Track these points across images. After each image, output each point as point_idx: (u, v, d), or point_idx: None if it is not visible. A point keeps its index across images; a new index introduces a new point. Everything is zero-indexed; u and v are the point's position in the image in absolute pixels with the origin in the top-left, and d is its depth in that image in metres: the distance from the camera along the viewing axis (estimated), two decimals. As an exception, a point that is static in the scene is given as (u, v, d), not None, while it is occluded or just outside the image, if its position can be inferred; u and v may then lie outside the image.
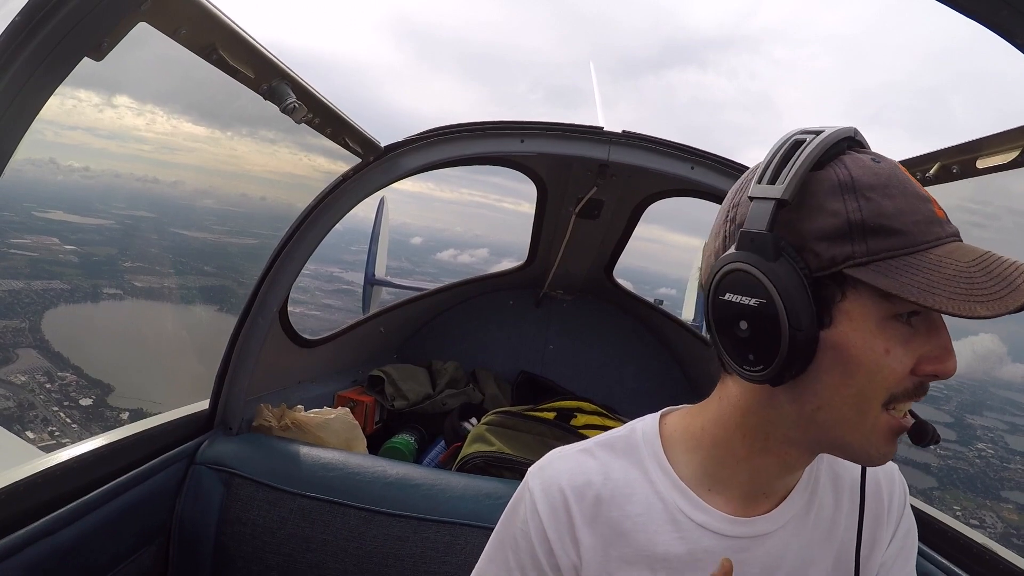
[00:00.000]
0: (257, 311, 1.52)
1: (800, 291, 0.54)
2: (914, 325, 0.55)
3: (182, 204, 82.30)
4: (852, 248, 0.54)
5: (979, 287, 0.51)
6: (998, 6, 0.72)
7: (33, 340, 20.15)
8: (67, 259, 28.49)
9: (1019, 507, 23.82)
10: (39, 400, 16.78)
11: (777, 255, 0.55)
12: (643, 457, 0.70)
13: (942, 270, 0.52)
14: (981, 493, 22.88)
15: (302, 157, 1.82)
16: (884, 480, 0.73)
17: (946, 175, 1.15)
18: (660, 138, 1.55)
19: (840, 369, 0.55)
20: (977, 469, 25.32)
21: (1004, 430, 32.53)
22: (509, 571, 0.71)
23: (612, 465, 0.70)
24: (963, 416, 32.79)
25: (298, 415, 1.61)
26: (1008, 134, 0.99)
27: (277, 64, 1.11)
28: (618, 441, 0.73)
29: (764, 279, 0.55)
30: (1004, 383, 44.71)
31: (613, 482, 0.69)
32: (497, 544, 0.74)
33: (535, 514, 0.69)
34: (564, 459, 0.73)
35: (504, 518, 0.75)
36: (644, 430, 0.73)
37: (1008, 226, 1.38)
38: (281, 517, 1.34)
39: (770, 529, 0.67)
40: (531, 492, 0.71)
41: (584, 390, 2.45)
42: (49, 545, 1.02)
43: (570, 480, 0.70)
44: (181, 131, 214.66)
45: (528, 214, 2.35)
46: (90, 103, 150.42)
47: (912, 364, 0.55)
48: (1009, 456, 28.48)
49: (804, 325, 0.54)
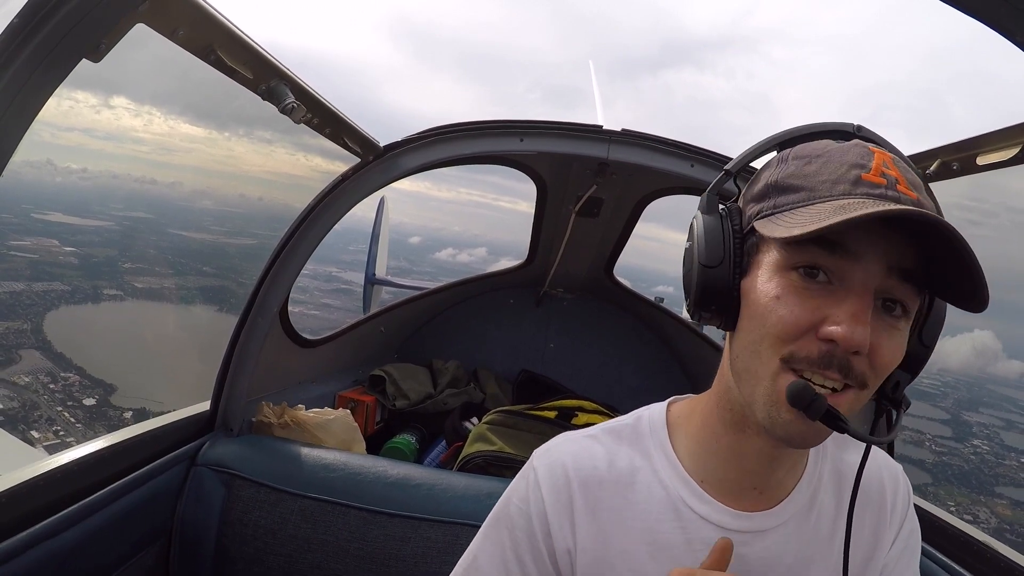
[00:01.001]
0: (257, 311, 1.52)
1: (716, 236, 0.62)
2: (825, 287, 0.56)
3: (181, 205, 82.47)
4: (763, 205, 0.61)
5: (828, 217, 0.53)
6: (998, 4, 0.71)
7: (36, 341, 20.38)
8: (67, 260, 28.60)
9: (1013, 503, 24.14)
10: (43, 400, 16.93)
11: (711, 210, 0.64)
12: (648, 445, 0.71)
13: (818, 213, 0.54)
14: (976, 489, 23.06)
15: (299, 157, 1.82)
16: (888, 480, 0.73)
17: (947, 172, 1.15)
18: (660, 136, 1.54)
19: (746, 314, 0.60)
20: (972, 465, 25.52)
21: (1000, 427, 32.72)
22: (503, 549, 0.70)
23: (617, 452, 0.71)
24: (960, 413, 32.96)
25: (298, 413, 1.62)
26: (1008, 131, 0.99)
27: (275, 64, 1.11)
28: (624, 429, 0.73)
29: (693, 224, 0.65)
30: (1000, 379, 44.74)
31: (617, 469, 0.69)
32: (494, 521, 0.74)
33: (537, 492, 0.69)
34: (571, 442, 0.73)
35: (504, 497, 0.74)
36: (651, 418, 0.73)
37: (1005, 223, 1.38)
38: (282, 518, 1.34)
39: (770, 525, 0.67)
40: (535, 471, 0.71)
41: (585, 389, 2.45)
42: (51, 547, 1.02)
43: (575, 463, 0.70)
44: (178, 132, 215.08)
45: (525, 213, 2.35)
46: (87, 104, 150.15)
47: (811, 320, 0.55)
48: (1004, 452, 28.65)
49: (714, 264, 0.61)
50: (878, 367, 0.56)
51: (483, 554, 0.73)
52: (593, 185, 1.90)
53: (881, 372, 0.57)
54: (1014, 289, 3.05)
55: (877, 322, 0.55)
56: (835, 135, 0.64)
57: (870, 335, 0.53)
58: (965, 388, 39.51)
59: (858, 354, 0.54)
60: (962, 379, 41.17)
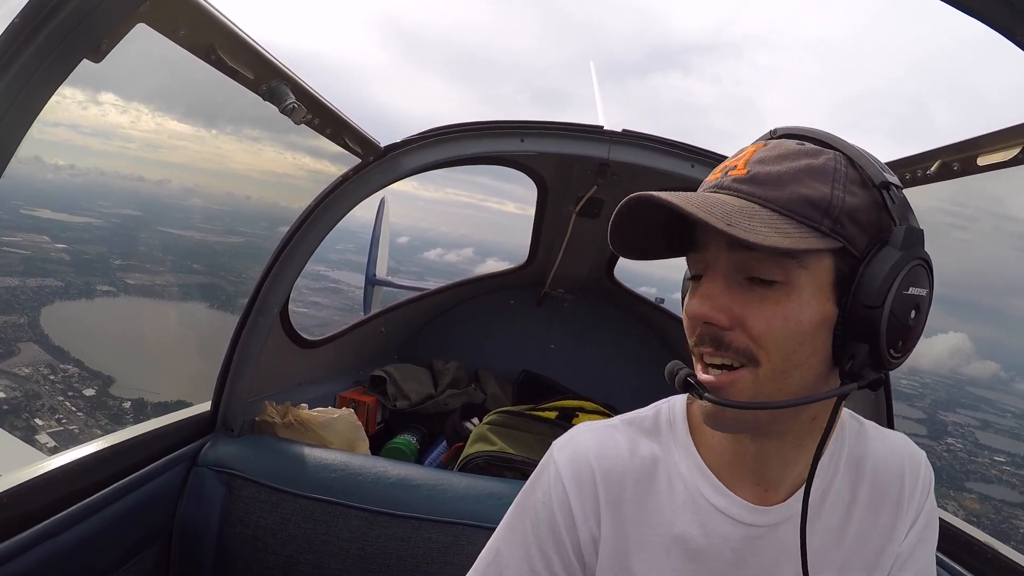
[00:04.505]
0: (258, 312, 1.51)
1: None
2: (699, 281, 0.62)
3: (168, 203, 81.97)
4: None
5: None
6: (998, 5, 0.72)
7: (33, 335, 20.63)
8: (59, 257, 28.56)
9: (982, 497, 25.13)
10: (44, 390, 17.13)
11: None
12: (667, 438, 0.71)
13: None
14: (945, 484, 24.01)
15: (288, 156, 1.81)
16: (909, 468, 0.72)
17: (947, 172, 1.15)
18: (661, 137, 1.54)
19: None
20: (944, 462, 26.41)
21: (975, 427, 33.66)
22: (526, 544, 0.70)
23: (639, 443, 0.71)
24: (935, 413, 33.82)
25: (302, 412, 1.61)
26: (1009, 131, 0.99)
27: (276, 65, 1.10)
28: (644, 420, 0.73)
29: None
30: (971, 379, 45.66)
31: (639, 459, 0.69)
32: (517, 515, 0.73)
33: (559, 485, 0.69)
34: (592, 432, 0.73)
35: (524, 491, 0.74)
36: (671, 411, 0.74)
37: (986, 228, 1.39)
38: (283, 518, 1.34)
39: (784, 518, 0.67)
40: (556, 464, 0.70)
41: (586, 389, 2.45)
42: (51, 547, 1.02)
43: (598, 453, 0.70)
44: (166, 129, 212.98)
45: (513, 214, 2.37)
46: (75, 100, 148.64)
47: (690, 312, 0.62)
48: (977, 451, 29.55)
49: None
50: (756, 337, 0.57)
51: (506, 547, 0.72)
52: (594, 186, 1.90)
53: (764, 343, 0.57)
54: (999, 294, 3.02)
55: (740, 295, 0.58)
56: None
57: (731, 308, 0.58)
58: (944, 390, 40.33)
59: (729, 329, 0.58)
60: (941, 381, 41.97)
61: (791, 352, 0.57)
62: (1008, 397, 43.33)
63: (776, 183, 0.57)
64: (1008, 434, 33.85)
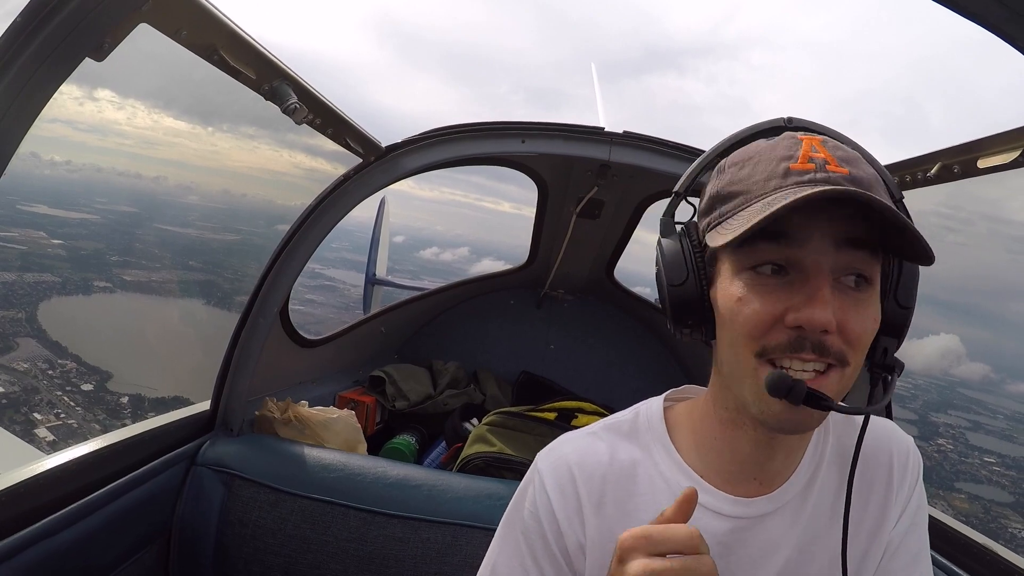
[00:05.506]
0: (258, 311, 1.51)
1: (676, 255, 0.66)
2: (784, 278, 0.58)
3: (165, 200, 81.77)
4: (710, 217, 0.64)
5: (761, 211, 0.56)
6: (997, 8, 0.72)
7: (31, 330, 20.69)
8: (56, 252, 28.54)
9: (971, 496, 25.70)
10: (43, 385, 17.24)
11: (668, 233, 0.70)
12: (647, 439, 0.72)
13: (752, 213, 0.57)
14: (935, 484, 24.37)
15: (283, 154, 1.81)
16: (897, 454, 0.73)
17: (948, 175, 1.15)
18: (661, 138, 1.55)
19: (720, 322, 0.63)
20: (934, 462, 26.83)
21: (966, 427, 34.08)
22: (520, 556, 0.71)
23: (618, 447, 0.72)
24: (927, 414, 34.20)
25: (302, 410, 1.61)
26: (1009, 134, 0.99)
27: (278, 65, 1.10)
28: (623, 424, 0.75)
29: (657, 251, 0.69)
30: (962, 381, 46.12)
31: (619, 463, 0.71)
32: (508, 528, 0.75)
33: (544, 494, 0.70)
34: (572, 441, 0.75)
35: (513, 502, 0.76)
36: (648, 413, 0.75)
37: (981, 231, 1.40)
38: (282, 518, 1.34)
39: (769, 510, 0.68)
40: (540, 473, 0.72)
41: (585, 390, 2.45)
42: (50, 546, 1.02)
43: (578, 459, 0.71)
44: (162, 125, 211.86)
45: (508, 214, 2.38)
46: (71, 96, 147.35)
47: (774, 313, 0.58)
48: (968, 451, 29.94)
49: (679, 282, 0.65)
50: (852, 341, 0.57)
51: (501, 559, 0.73)
52: (594, 187, 1.90)
53: (858, 345, 0.58)
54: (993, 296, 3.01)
55: (841, 298, 0.57)
56: (768, 133, 0.68)
57: (836, 312, 0.56)
58: (936, 391, 40.71)
59: (828, 333, 0.56)
60: (933, 383, 42.38)
61: (866, 351, 0.60)
62: (999, 399, 43.84)
63: (871, 187, 0.58)
64: (999, 435, 34.27)
